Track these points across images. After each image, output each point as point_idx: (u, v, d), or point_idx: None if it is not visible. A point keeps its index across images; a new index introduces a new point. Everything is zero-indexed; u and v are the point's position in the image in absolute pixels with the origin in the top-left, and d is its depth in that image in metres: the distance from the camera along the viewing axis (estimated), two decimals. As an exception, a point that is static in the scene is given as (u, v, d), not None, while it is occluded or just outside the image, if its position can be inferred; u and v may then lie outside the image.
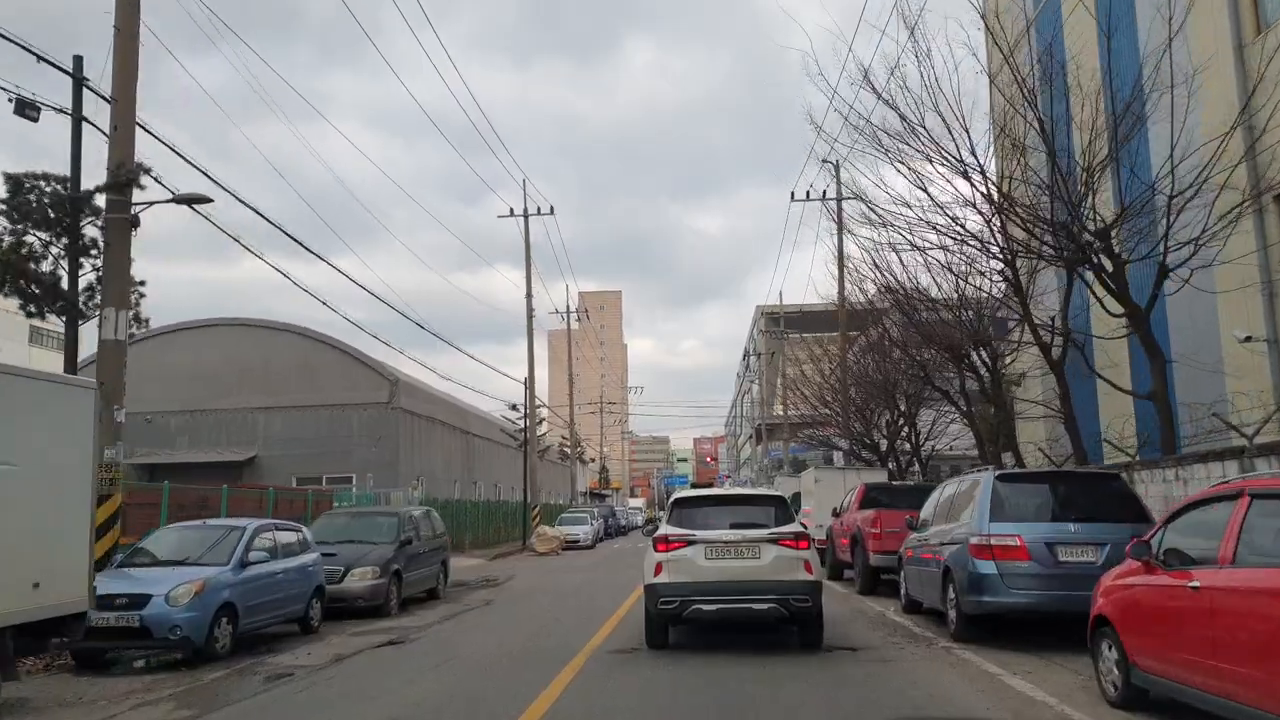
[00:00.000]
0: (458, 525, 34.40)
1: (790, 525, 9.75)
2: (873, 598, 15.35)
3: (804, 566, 9.46)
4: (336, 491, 27.58)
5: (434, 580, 17.37)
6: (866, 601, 14.87)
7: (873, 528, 15.38)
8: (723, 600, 9.26)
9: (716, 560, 9.42)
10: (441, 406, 38.08)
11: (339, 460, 31.40)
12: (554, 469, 65.26)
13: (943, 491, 11.94)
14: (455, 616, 14.50)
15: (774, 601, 9.18)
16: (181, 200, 12.27)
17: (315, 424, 31.85)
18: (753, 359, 78.61)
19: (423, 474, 34.64)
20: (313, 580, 12.62)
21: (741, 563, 9.39)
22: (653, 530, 10.67)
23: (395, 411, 32.15)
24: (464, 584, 21.58)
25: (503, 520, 41.73)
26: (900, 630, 11.29)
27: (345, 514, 16.71)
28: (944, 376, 27.11)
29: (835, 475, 24.08)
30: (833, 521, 19.53)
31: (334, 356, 32.55)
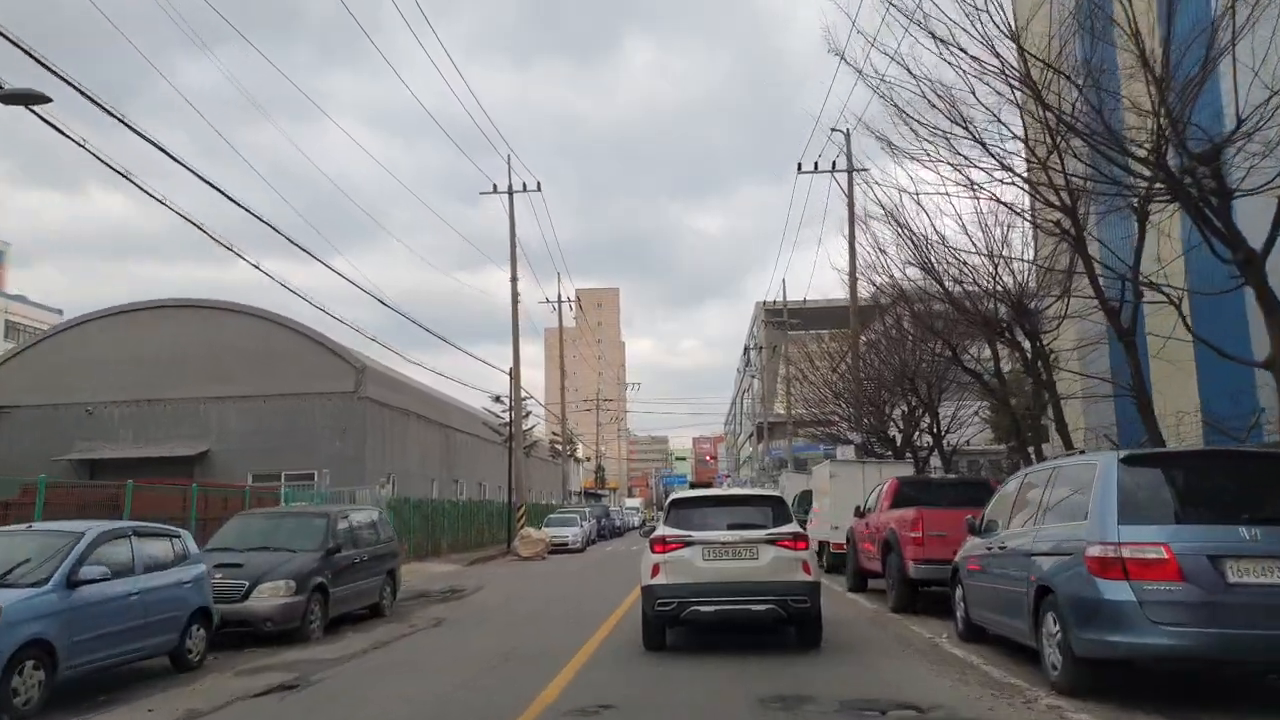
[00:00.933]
0: (433, 528, 31.49)
1: (788, 526, 9.67)
2: (913, 617, 12.38)
3: (802, 567, 9.42)
4: (291, 489, 24.60)
5: (377, 594, 14.39)
6: (906, 623, 11.89)
7: (912, 531, 12.39)
8: (721, 601, 9.22)
9: (714, 561, 9.37)
10: (416, 398, 35.05)
11: (301, 455, 28.40)
12: (545, 467, 62.24)
13: (1020, 483, 8.98)
14: (388, 644, 11.50)
15: (772, 602, 9.17)
16: (10, 99, 9.30)
17: (274, 415, 28.84)
18: (753, 354, 75.80)
19: (394, 471, 31.61)
20: (191, 601, 9.64)
21: (739, 564, 9.34)
22: (650, 531, 10.61)
23: (362, 402, 29.12)
24: (424, 595, 18.64)
25: (485, 521, 38.71)
26: (972, 672, 8.28)
27: (263, 515, 13.71)
28: (973, 357, 24.21)
29: (853, 470, 21.11)
30: (854, 522, 16.56)
31: (295, 341, 29.54)
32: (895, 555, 12.95)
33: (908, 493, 14.33)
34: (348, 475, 28.22)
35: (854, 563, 16.26)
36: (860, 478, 20.70)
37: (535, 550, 31.87)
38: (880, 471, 20.83)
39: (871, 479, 20.59)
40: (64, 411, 28.77)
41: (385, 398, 31.08)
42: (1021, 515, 8.49)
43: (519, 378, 36.74)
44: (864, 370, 29.99)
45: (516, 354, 36.86)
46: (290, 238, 29.84)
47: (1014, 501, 8.86)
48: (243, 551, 12.19)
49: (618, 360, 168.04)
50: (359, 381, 29.04)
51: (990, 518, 9.46)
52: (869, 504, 15.93)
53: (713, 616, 9.30)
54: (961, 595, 9.95)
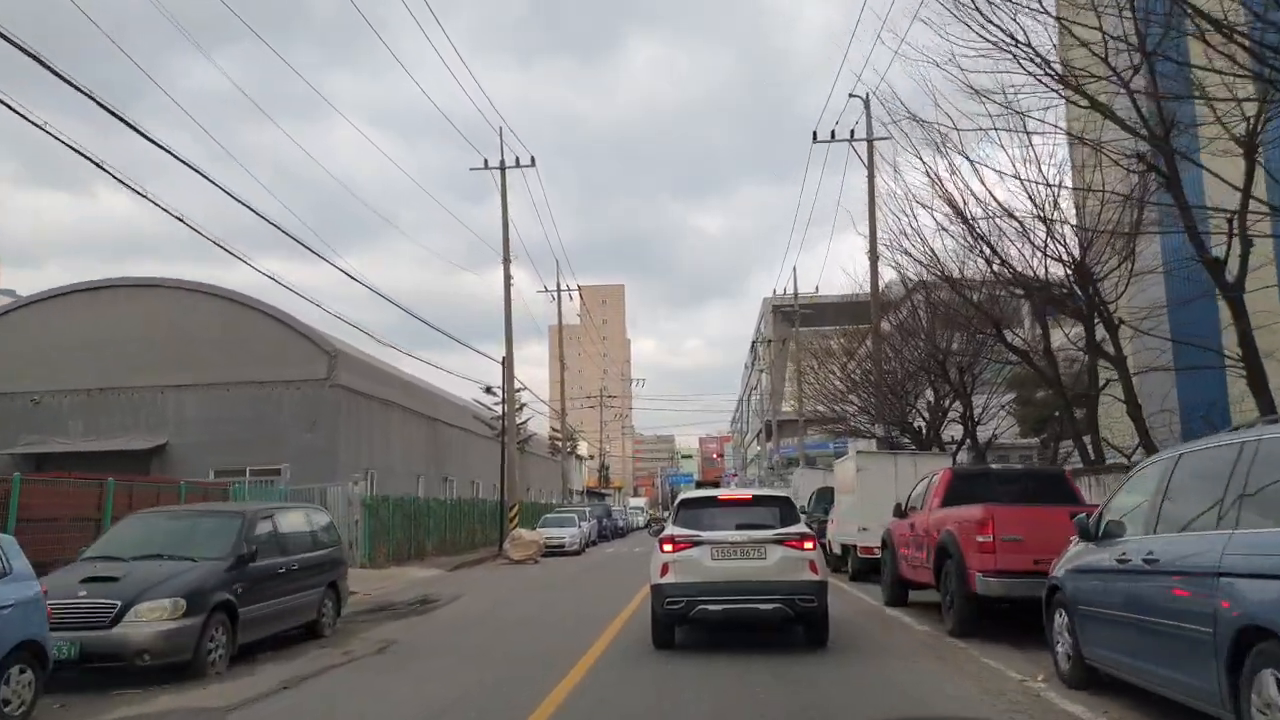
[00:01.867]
0: (416, 529, 28.93)
1: (795, 526, 9.79)
2: (982, 645, 9.69)
3: (809, 567, 9.51)
4: (255, 485, 22.03)
5: (313, 611, 11.75)
6: (978, 655, 9.19)
7: (980, 534, 9.69)
8: (729, 600, 9.35)
9: (722, 561, 9.49)
10: (399, 387, 32.40)
11: (268, 448, 25.81)
12: (545, 465, 59.64)
13: (1168, 468, 6.29)
14: (303, 683, 8.85)
15: (779, 601, 9.29)
16: None
17: (239, 405, 26.25)
18: (760, 348, 73.12)
19: (373, 467, 29.01)
20: (3, 635, 7.00)
21: (747, 563, 9.47)
22: (659, 530, 10.81)
23: (334, 390, 26.49)
24: (387, 608, 16.05)
25: (477, 522, 36.11)
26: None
27: (164, 515, 11.02)
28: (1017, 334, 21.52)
29: (883, 462, 18.40)
30: (893, 523, 13.89)
31: (264, 325, 26.94)
32: (954, 564, 10.26)
33: (964, 487, 11.67)
34: (318, 470, 25.63)
35: (893, 571, 13.58)
36: (893, 471, 18.03)
37: (527, 553, 29.26)
38: (915, 464, 18.16)
39: (905, 472, 17.92)
40: (9, 402, 26.21)
41: (363, 386, 28.45)
42: (1181, 514, 5.81)
43: (512, 366, 34.14)
44: (886, 355, 27.32)
45: (509, 341, 34.24)
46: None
47: (1159, 494, 6.18)
48: (128, 561, 9.57)
49: (623, 358, 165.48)
50: (331, 367, 26.42)
51: (1113, 518, 6.78)
52: (912, 501, 13.23)
53: (721, 615, 9.42)
54: (1066, 625, 7.27)
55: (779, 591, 9.29)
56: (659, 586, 9.60)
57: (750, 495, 11.16)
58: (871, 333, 28.67)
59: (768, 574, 9.38)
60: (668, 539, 9.73)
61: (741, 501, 10.67)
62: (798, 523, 9.92)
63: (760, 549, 9.47)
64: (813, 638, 9.76)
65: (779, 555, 9.45)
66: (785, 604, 9.27)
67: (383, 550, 26.17)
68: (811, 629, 9.78)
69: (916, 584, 12.92)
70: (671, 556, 9.59)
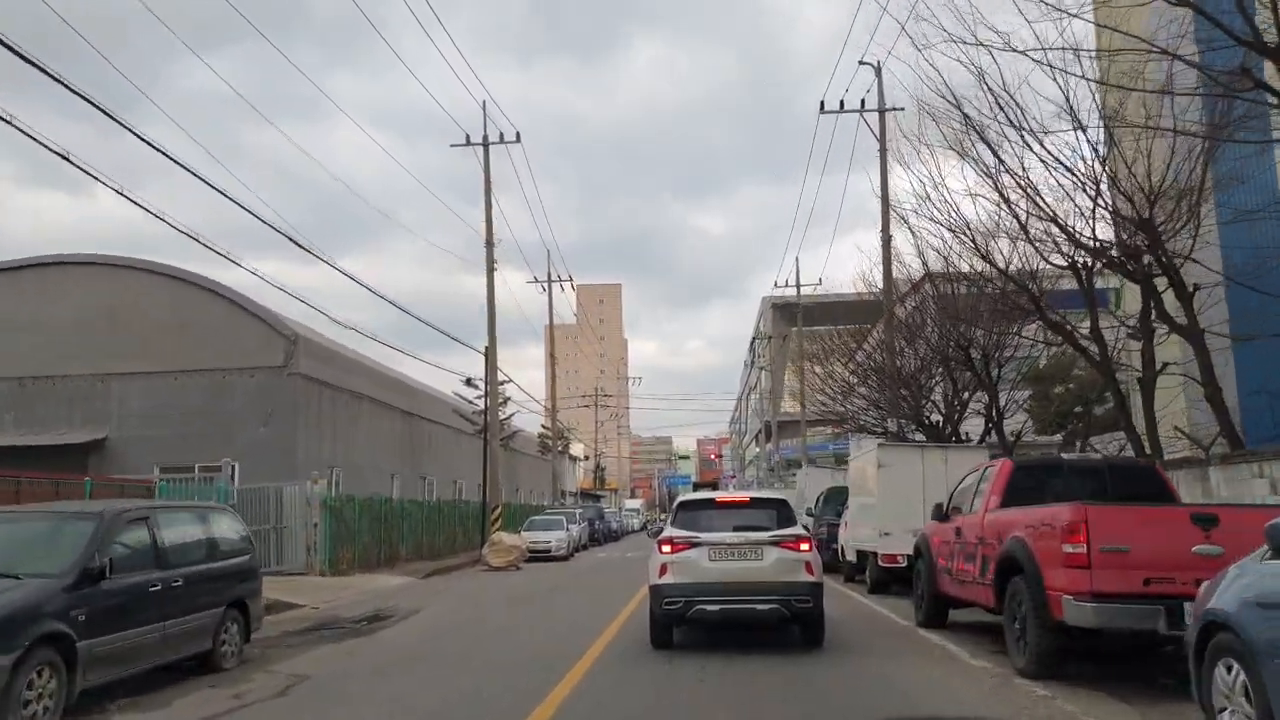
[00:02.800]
0: (388, 532, 26.46)
1: (791, 528, 9.92)
2: (1070, 691, 7.24)
3: (805, 568, 9.61)
4: (172, 483, 19.56)
5: (207, 639, 9.28)
6: (1077, 714, 6.74)
7: (1069, 542, 7.21)
8: (726, 601, 9.48)
9: (720, 562, 9.63)
10: (369, 378, 29.86)
11: (218, 443, 23.32)
12: (536, 465, 57.14)
13: None
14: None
15: (776, 602, 9.40)
16: None
17: (188, 395, 23.79)
18: (759, 345, 70.65)
19: (339, 464, 26.53)
20: None
21: (744, 564, 9.59)
22: (657, 532, 11.28)
23: (293, 379, 23.98)
24: (328, 625, 13.67)
25: (458, 524, 33.59)
26: None
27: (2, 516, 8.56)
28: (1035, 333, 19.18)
29: (909, 457, 15.94)
30: (930, 528, 11.45)
31: (217, 307, 24.43)
32: (1028, 583, 7.79)
33: (1029, 482, 9.25)
34: (275, 467, 23.19)
35: (929, 584, 11.13)
36: (919, 468, 15.63)
37: (508, 559, 26.79)
38: (945, 459, 15.75)
39: (934, 469, 15.52)
40: (-66, 392, 23.74)
41: (327, 375, 25.94)
42: None
43: (495, 357, 31.66)
44: (899, 344, 24.87)
45: (492, 329, 31.74)
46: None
47: None
48: (-70, 577, 7.11)
49: (620, 357, 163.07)
50: (290, 354, 23.93)
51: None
52: (956, 501, 10.78)
53: (718, 615, 9.58)
54: (1247, 685, 4.81)
55: (775, 592, 9.42)
56: (657, 587, 9.75)
57: (748, 497, 11.22)
58: (885, 318, 26.22)
59: (764, 575, 9.52)
60: (666, 540, 9.90)
61: (739, 503, 10.79)
62: (794, 525, 10.08)
63: (757, 550, 9.63)
64: (808, 638, 9.90)
65: (775, 556, 9.59)
66: (782, 604, 9.40)
67: (347, 556, 23.70)
68: (807, 629, 9.92)
69: (960, 601, 10.50)
70: (670, 557, 9.75)
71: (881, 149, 28.05)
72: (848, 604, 15.07)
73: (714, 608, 9.49)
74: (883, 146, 28.09)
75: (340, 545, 23.53)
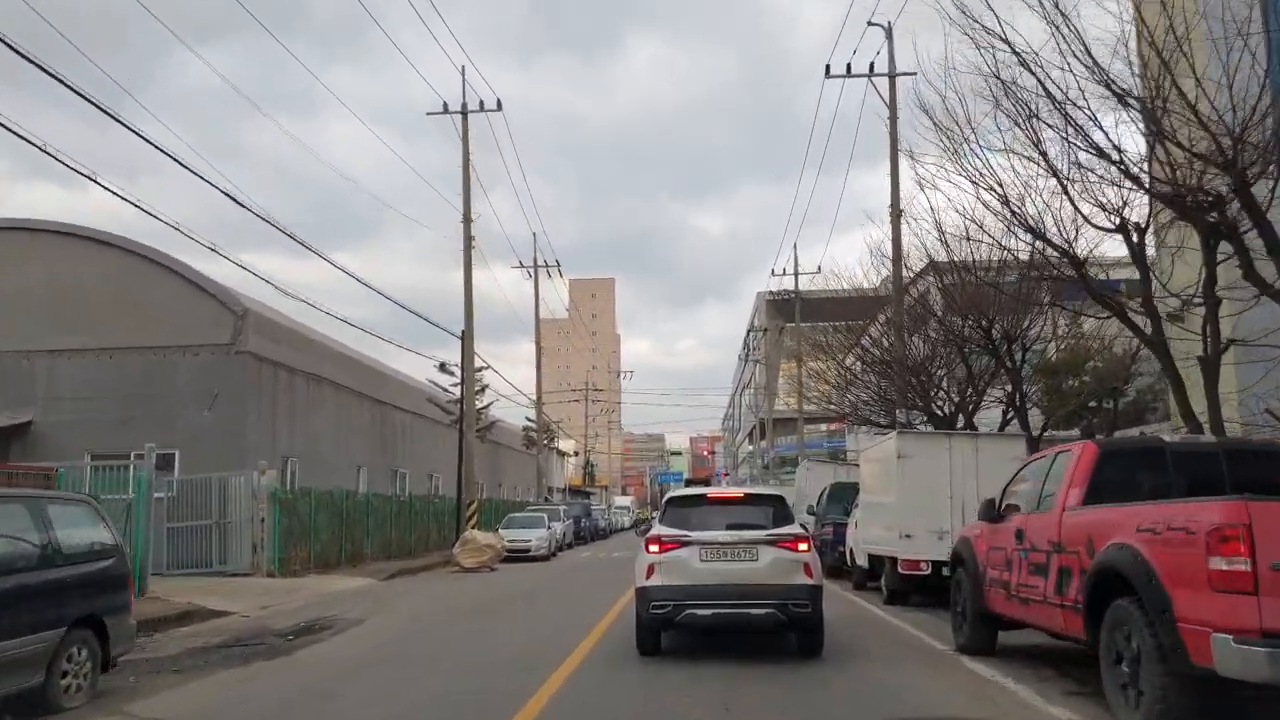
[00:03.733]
0: (349, 529, 24.23)
1: (788, 526, 9.34)
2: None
3: (803, 570, 9.02)
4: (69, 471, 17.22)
5: (35, 670, 7.01)
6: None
7: (1226, 554, 4.95)
8: (718, 605, 8.89)
9: (712, 562, 9.05)
10: (335, 361, 27.51)
11: (159, 428, 20.97)
12: (522, 460, 54.82)
13: None
14: None
15: (772, 606, 8.80)
16: None
17: (125, 376, 21.49)
18: (754, 337, 68.46)
19: (294, 454, 24.24)
20: None
21: (738, 565, 9.02)
22: (646, 530, 10.26)
23: (242, 358, 21.65)
24: (249, 640, 11.52)
25: (432, 521, 31.32)
26: None
27: None
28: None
29: (934, 447, 13.72)
30: (976, 531, 9.26)
31: (158, 278, 22.09)
32: (1148, 610, 5.53)
33: (1123, 474, 7.04)
34: (222, 455, 20.96)
35: (975, 601, 8.91)
36: (946, 459, 13.46)
37: (481, 559, 24.55)
38: (976, 449, 13.57)
39: (963, 460, 13.38)
40: None
41: (282, 356, 23.61)
42: None
43: (471, 341, 29.38)
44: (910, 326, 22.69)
45: (469, 311, 29.43)
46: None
47: None
48: None
49: (612, 351, 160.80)
50: (238, 330, 21.60)
51: None
52: (1014, 497, 8.56)
53: (710, 620, 9.02)
54: None
55: (771, 596, 8.84)
56: (644, 589, 9.16)
57: (742, 494, 10.72)
58: (894, 300, 24.03)
59: (759, 577, 8.95)
60: (654, 539, 9.35)
61: (732, 500, 10.31)
62: (791, 523, 9.51)
63: (752, 550, 9.07)
64: (806, 645, 9.26)
65: (771, 557, 9.03)
66: (778, 609, 8.81)
67: (300, 555, 21.44)
68: (805, 636, 9.28)
69: (1017, 623, 8.32)
70: (658, 557, 9.18)
71: (891, 116, 25.87)
72: (863, 619, 12.87)
73: (705, 612, 8.88)
74: (893, 114, 25.91)
75: (293, 543, 21.29)
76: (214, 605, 15.06)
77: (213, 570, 20.29)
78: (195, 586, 17.63)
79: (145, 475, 15.38)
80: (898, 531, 13.49)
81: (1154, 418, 24.09)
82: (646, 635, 9.41)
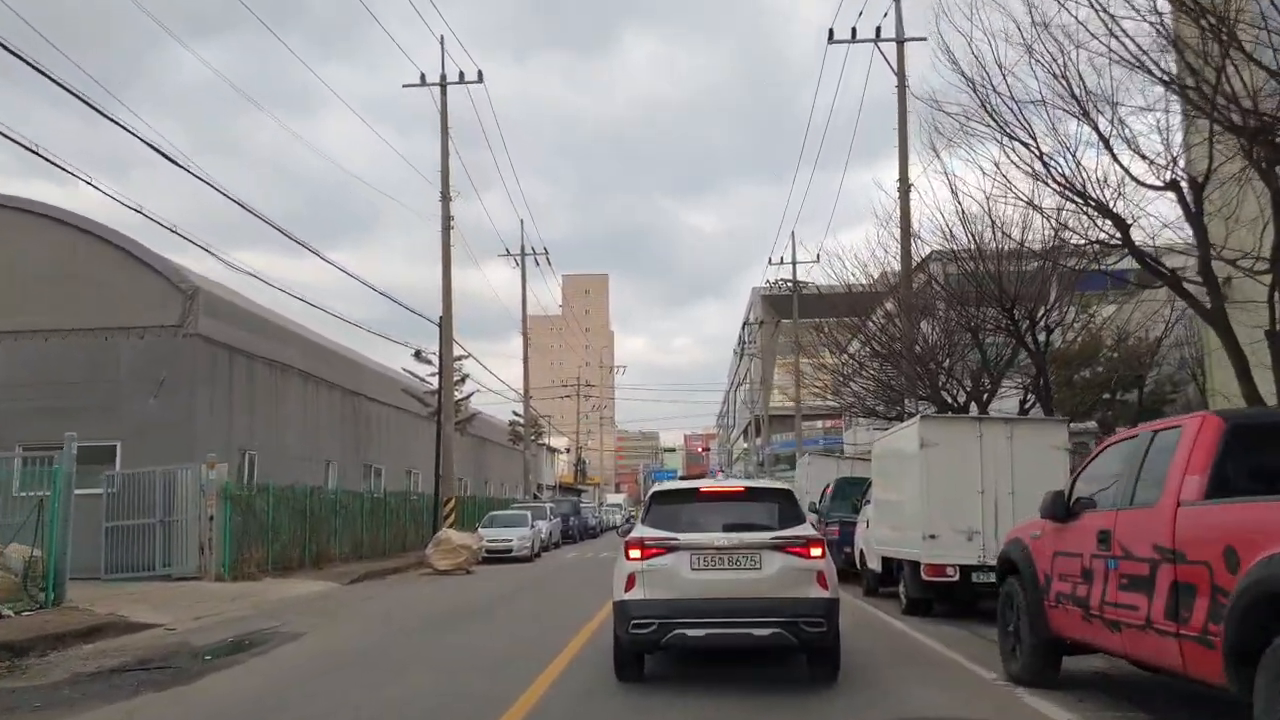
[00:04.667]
0: (314, 528, 22.49)
1: (798, 527, 7.72)
2: None
3: (817, 580, 7.43)
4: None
5: None
6: None
7: None
8: (713, 623, 7.35)
9: (705, 571, 7.46)
10: (301, 348, 25.58)
11: (100, 417, 19.17)
12: (510, 457, 52.99)
13: None
14: None
15: (779, 626, 7.22)
16: None
17: (63, 360, 19.58)
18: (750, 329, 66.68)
19: (253, 447, 22.36)
20: None
21: (738, 575, 7.44)
22: (628, 530, 8.43)
23: (191, 341, 19.73)
24: (160, 661, 9.84)
25: (409, 519, 29.50)
26: None
27: None
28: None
29: (963, 434, 11.88)
30: (1034, 532, 7.45)
31: (101, 254, 20.14)
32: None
33: (1253, 454, 5.26)
34: (170, 447, 19.14)
35: (1036, 619, 7.13)
36: (977, 447, 11.70)
37: (457, 561, 22.75)
38: (1010, 435, 11.77)
39: (996, 448, 11.63)
40: None
41: (239, 340, 21.69)
42: None
43: (450, 328, 27.52)
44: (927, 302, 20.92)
45: (447, 295, 27.57)
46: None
47: None
48: None
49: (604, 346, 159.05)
50: (188, 310, 19.68)
51: None
52: (1089, 487, 6.76)
53: (703, 642, 7.46)
54: None
55: (779, 612, 7.28)
56: (623, 604, 7.57)
57: (742, 487, 8.96)
58: (902, 281, 22.25)
59: (764, 589, 7.40)
60: (635, 543, 7.72)
61: (731, 495, 8.59)
62: (802, 522, 7.95)
63: (754, 556, 7.49)
64: (820, 672, 7.79)
65: (779, 565, 7.45)
66: (786, 629, 7.22)
67: (256, 556, 19.60)
68: (818, 660, 7.79)
69: (1085, 646, 6.56)
70: (640, 565, 7.57)
71: (900, 85, 24.17)
72: (881, 633, 11.08)
73: (697, 632, 7.34)
74: (901, 82, 24.24)
75: (247, 543, 19.45)
76: (139, 616, 13.21)
77: (156, 574, 18.45)
78: (128, 593, 15.79)
79: (62, 469, 13.49)
80: (920, 531, 11.70)
81: (1172, 410, 22.50)
82: (626, 660, 7.87)
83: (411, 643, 10.96)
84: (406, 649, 10.39)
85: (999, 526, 11.53)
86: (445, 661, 9.42)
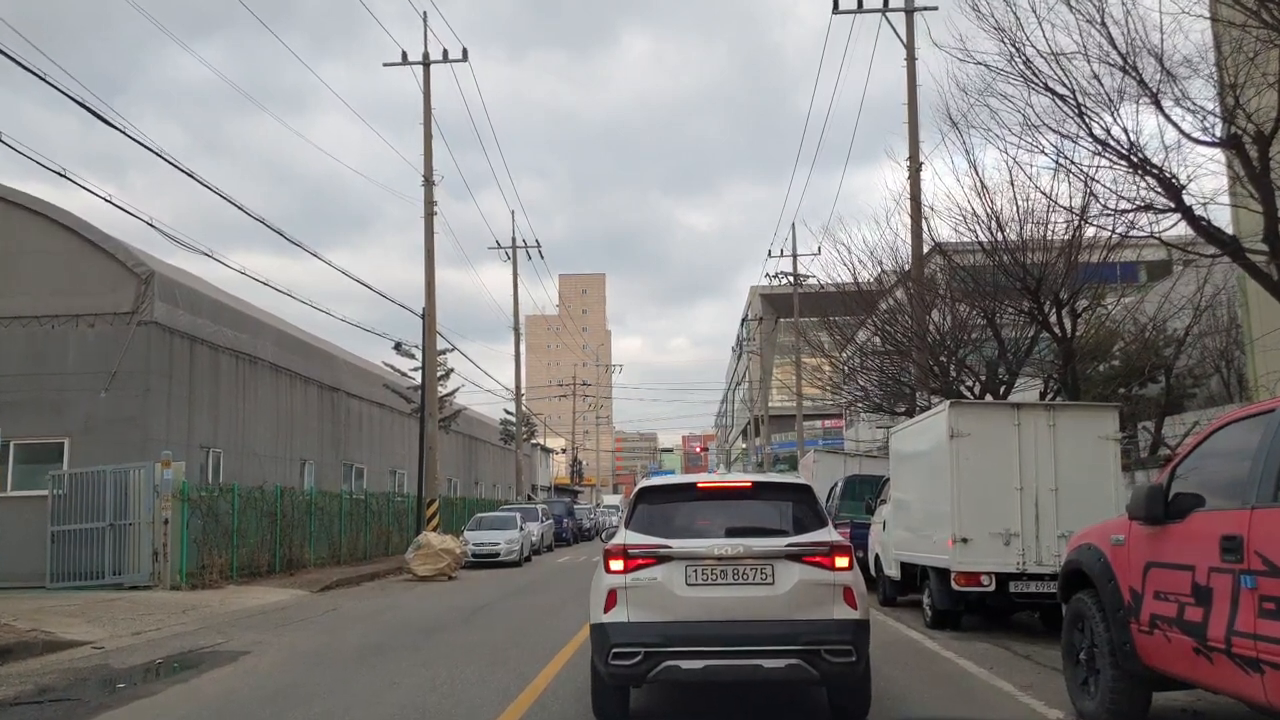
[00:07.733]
0: (284, 532, 21.03)
1: (819, 532, 6.08)
2: None
3: (844, 597, 5.89)
4: None
5: None
6: None
7: None
8: (714, 654, 5.80)
9: (704, 587, 5.91)
10: (273, 339, 24.03)
11: (47, 413, 17.71)
12: (503, 457, 51.50)
13: None
14: None
15: (796, 655, 5.67)
16: None
17: (4, 350, 18.06)
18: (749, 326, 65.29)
19: (217, 444, 20.85)
20: None
21: (744, 591, 5.90)
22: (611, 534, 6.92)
23: (146, 329, 18.19)
24: (62, 692, 8.14)
25: (391, 521, 27.99)
26: None
27: None
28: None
29: (998, 423, 10.39)
30: (1124, 540, 5.95)
31: (47, 235, 18.60)
32: None
33: None
34: (124, 445, 17.65)
35: (1121, 646, 5.66)
36: (1014, 438, 10.21)
37: (439, 566, 21.23)
38: (1054, 422, 10.35)
39: (1038, 439, 10.28)
40: None
41: (200, 329, 20.15)
42: None
43: (434, 319, 26.01)
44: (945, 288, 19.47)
45: (430, 286, 26.06)
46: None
47: None
48: None
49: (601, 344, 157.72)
50: (142, 296, 18.15)
51: None
52: (1203, 480, 5.27)
53: (700, 676, 5.84)
54: None
55: (795, 639, 5.70)
56: (601, 628, 5.94)
57: (749, 482, 6.82)
58: (914, 265, 20.79)
59: (777, 609, 5.83)
60: (617, 551, 6.03)
61: (736, 491, 6.63)
62: (823, 525, 6.18)
63: (765, 568, 5.89)
64: (845, 714, 6.18)
65: (795, 579, 5.84)
66: (805, 659, 5.65)
67: (219, 562, 18.13)
68: (844, 698, 6.15)
69: (1194, 685, 5.08)
70: (623, 580, 5.94)
71: (909, 58, 22.74)
72: (907, 651, 9.60)
73: (693, 664, 5.80)
74: (910, 55, 22.81)
75: (209, 549, 17.98)
76: (69, 633, 11.74)
77: (106, 582, 16.95)
78: (66, 605, 14.28)
79: None
80: (949, 534, 10.21)
81: (1193, 404, 21.16)
82: (607, 697, 6.34)
83: (364, 666, 9.43)
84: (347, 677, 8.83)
85: (1040, 528, 10.11)
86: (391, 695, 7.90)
